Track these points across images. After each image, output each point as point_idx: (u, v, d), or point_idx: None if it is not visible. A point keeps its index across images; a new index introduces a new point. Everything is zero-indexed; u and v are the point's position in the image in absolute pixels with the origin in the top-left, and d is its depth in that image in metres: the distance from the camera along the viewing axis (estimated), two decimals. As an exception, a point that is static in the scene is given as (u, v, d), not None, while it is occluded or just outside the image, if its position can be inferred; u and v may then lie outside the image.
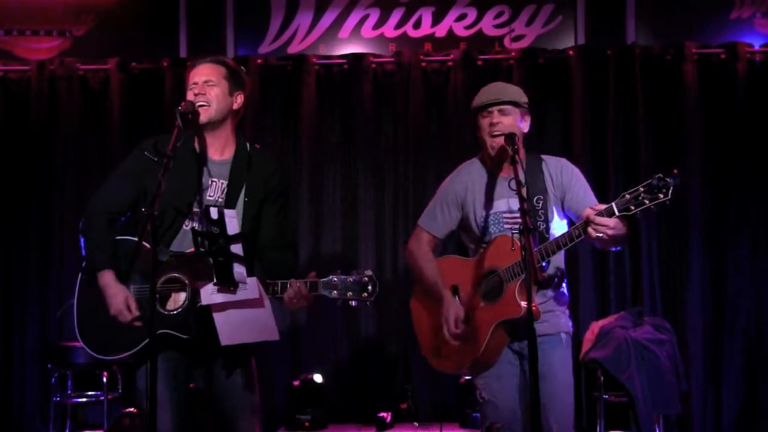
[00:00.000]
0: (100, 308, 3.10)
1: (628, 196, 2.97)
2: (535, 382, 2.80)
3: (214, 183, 3.21)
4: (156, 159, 3.02)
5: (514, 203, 3.20)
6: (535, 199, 3.28)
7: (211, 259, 3.02)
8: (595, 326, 5.18)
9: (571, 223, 3.35)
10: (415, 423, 5.39)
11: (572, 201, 3.33)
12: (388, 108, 5.87)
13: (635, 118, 5.65)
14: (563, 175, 3.36)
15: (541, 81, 5.73)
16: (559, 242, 3.15)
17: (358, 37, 6.03)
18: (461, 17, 5.98)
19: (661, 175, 2.92)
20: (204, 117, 3.16)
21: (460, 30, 5.99)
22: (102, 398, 5.32)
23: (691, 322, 5.53)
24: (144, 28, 6.08)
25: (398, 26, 6.02)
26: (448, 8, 5.98)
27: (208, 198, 3.18)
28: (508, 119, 3.33)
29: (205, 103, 3.16)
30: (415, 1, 5.99)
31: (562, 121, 5.76)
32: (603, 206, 3.03)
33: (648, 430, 4.86)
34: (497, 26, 5.98)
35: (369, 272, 3.04)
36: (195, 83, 3.20)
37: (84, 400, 5.53)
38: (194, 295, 3.09)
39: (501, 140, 3.28)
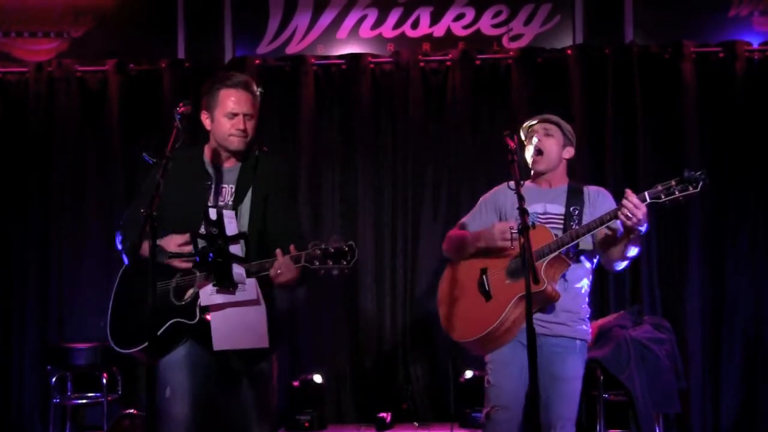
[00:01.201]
0: (130, 305, 3.20)
1: (660, 187, 3.16)
2: (534, 375, 2.88)
3: (224, 189, 3.29)
4: (154, 160, 3.04)
5: (551, 207, 3.52)
6: (571, 208, 3.52)
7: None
8: (595, 325, 5.18)
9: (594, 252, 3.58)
10: (415, 423, 5.40)
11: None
12: (386, 108, 5.87)
13: (634, 117, 5.65)
14: (599, 196, 3.60)
15: (539, 80, 5.74)
16: (590, 225, 3.33)
17: (357, 38, 6.03)
18: (459, 17, 5.98)
19: (692, 171, 3.14)
20: (241, 146, 3.29)
21: (458, 30, 5.99)
22: (102, 400, 5.33)
23: (691, 321, 5.53)
24: (142, 29, 6.07)
25: (396, 26, 6.02)
26: (446, 8, 5.98)
27: (219, 203, 3.25)
28: (550, 141, 3.61)
29: (244, 137, 3.28)
30: (413, 1, 5.99)
31: (560, 120, 5.75)
32: (635, 194, 3.19)
33: (647, 429, 4.86)
34: (495, 26, 5.98)
35: (351, 243, 3.07)
36: (234, 114, 3.26)
37: (84, 401, 5.53)
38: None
39: (540, 158, 3.58)
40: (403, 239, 5.79)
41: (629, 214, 3.14)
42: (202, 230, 3.11)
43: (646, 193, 3.16)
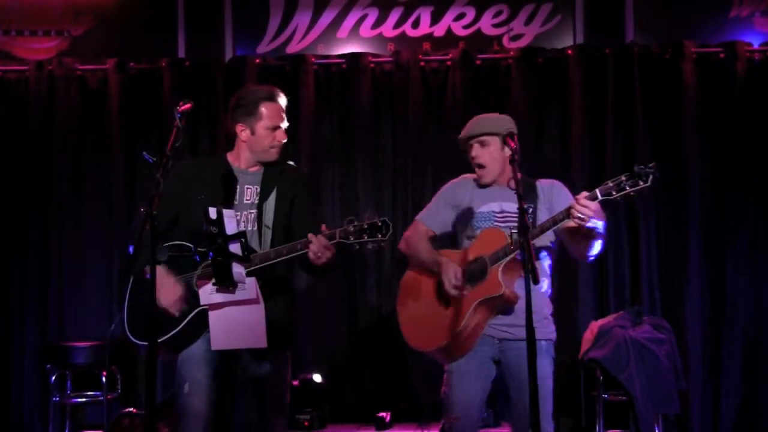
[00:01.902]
0: (147, 300, 3.19)
1: (610, 183, 3.12)
2: (533, 376, 2.87)
3: (248, 189, 3.37)
4: (155, 159, 3.05)
5: (507, 206, 3.46)
6: (525, 206, 3.40)
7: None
8: (594, 326, 5.19)
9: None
10: (415, 423, 5.40)
11: (558, 209, 3.43)
12: (386, 108, 5.87)
13: (634, 117, 5.65)
14: (553, 189, 3.57)
15: (539, 80, 5.74)
16: (544, 226, 3.30)
17: (357, 37, 6.03)
18: (460, 16, 5.98)
19: (642, 166, 3.10)
20: (279, 156, 3.42)
21: (458, 29, 5.98)
22: (101, 398, 5.32)
23: (690, 321, 5.52)
24: (142, 28, 6.07)
25: (397, 26, 6.02)
26: (446, 7, 5.98)
27: (244, 202, 3.33)
28: (488, 150, 3.55)
29: (282, 147, 3.42)
30: (413, 0, 5.99)
31: (561, 120, 5.76)
32: (587, 192, 3.16)
33: (647, 430, 4.86)
34: (496, 25, 5.97)
35: (384, 218, 3.09)
36: (276, 127, 3.38)
37: (83, 400, 5.53)
38: None
39: (484, 171, 3.53)
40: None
41: (580, 214, 3.11)
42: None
43: (597, 190, 3.13)
